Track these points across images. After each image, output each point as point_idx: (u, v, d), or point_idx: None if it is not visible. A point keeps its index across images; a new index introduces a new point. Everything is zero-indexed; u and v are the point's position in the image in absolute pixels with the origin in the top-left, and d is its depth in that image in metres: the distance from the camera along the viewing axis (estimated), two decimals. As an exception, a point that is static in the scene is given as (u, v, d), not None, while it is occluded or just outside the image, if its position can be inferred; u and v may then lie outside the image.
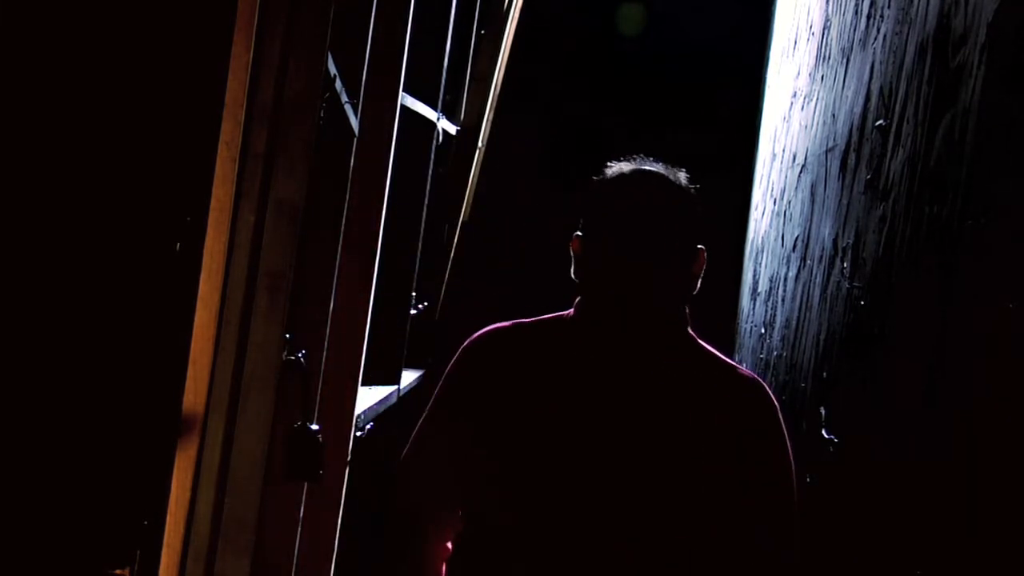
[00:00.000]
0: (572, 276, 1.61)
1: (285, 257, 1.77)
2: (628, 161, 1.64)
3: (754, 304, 4.45)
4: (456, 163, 4.76)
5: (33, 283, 1.42)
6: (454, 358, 1.69)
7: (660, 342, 1.58)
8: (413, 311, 4.19)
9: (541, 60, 5.62)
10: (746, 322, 4.73)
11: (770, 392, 1.60)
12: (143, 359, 1.53)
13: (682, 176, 1.61)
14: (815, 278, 2.72)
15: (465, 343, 1.69)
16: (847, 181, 2.41)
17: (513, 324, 1.68)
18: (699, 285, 1.61)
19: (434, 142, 4.19)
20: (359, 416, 2.99)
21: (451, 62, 4.26)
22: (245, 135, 1.65)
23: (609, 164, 1.65)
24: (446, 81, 4.20)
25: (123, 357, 1.49)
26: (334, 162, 2.52)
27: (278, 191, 1.75)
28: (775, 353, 3.39)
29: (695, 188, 1.61)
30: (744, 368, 1.63)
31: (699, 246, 1.59)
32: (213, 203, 1.60)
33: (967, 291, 1.41)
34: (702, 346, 1.64)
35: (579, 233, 1.61)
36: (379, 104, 2.88)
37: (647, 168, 1.61)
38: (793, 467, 1.57)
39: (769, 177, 4.50)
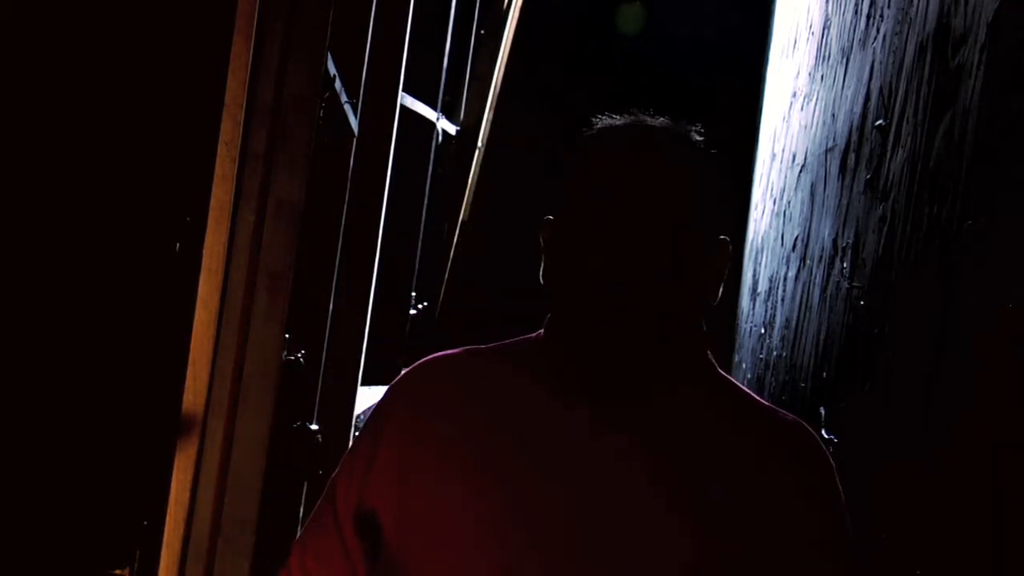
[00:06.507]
0: (540, 280, 1.13)
1: (285, 257, 1.76)
2: (621, 117, 1.15)
3: (754, 304, 4.45)
4: (456, 163, 4.76)
5: (30, 285, 1.42)
6: (379, 402, 1.22)
7: (668, 379, 1.10)
8: (413, 311, 4.20)
9: (541, 60, 5.63)
10: (746, 322, 4.73)
11: (820, 442, 1.14)
12: (142, 359, 1.52)
13: (696, 136, 1.12)
14: (815, 278, 2.72)
15: (396, 380, 1.22)
16: (847, 181, 2.41)
17: (463, 352, 1.19)
18: (720, 293, 1.12)
19: (434, 142, 4.19)
20: (359, 416, 2.99)
21: (451, 62, 4.26)
22: (245, 135, 1.65)
23: (595, 119, 1.15)
24: (446, 81, 4.20)
25: (122, 357, 1.49)
26: (334, 162, 2.52)
27: (278, 191, 1.75)
28: (775, 353, 3.39)
29: (714, 153, 1.12)
30: (781, 411, 1.15)
31: (721, 236, 1.11)
32: (213, 203, 1.60)
33: (967, 291, 1.41)
34: (727, 382, 1.15)
35: (550, 217, 1.14)
36: (379, 104, 2.88)
37: (647, 123, 1.12)
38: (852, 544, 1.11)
39: (769, 177, 4.50)
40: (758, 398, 1.15)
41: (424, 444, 1.11)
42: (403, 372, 1.21)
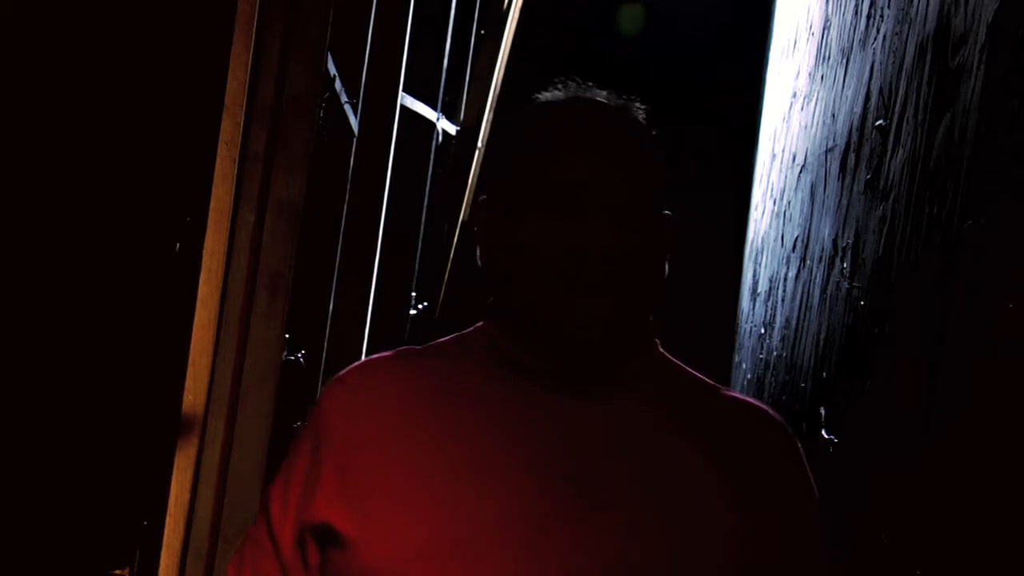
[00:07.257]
0: (479, 262, 1.07)
1: (285, 257, 1.77)
2: (562, 88, 1.09)
3: (754, 304, 4.45)
4: (456, 163, 4.76)
5: (31, 287, 1.42)
6: (311, 411, 1.11)
7: (618, 368, 1.05)
8: (413, 311, 4.20)
9: (541, 59, 5.63)
10: (746, 322, 4.73)
11: (785, 424, 1.11)
12: (142, 360, 1.53)
13: (640, 112, 1.07)
14: (815, 278, 2.72)
15: (325, 388, 1.11)
16: (847, 181, 2.41)
17: (396, 354, 1.11)
18: (667, 271, 1.06)
19: (434, 142, 4.19)
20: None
21: (451, 62, 4.26)
22: (245, 135, 1.65)
23: (537, 96, 1.09)
24: (446, 81, 4.20)
25: (122, 358, 1.49)
26: (334, 162, 2.53)
27: (278, 191, 1.75)
28: (775, 353, 3.39)
29: (656, 131, 1.06)
30: (740, 393, 1.13)
31: (666, 212, 1.05)
32: (213, 203, 1.60)
33: (967, 291, 1.41)
34: (678, 364, 1.11)
35: (484, 196, 1.08)
36: (379, 104, 2.88)
37: (589, 97, 1.07)
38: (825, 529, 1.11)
39: (769, 177, 4.50)
40: (706, 378, 1.12)
41: (367, 446, 1.02)
42: (332, 380, 1.11)
